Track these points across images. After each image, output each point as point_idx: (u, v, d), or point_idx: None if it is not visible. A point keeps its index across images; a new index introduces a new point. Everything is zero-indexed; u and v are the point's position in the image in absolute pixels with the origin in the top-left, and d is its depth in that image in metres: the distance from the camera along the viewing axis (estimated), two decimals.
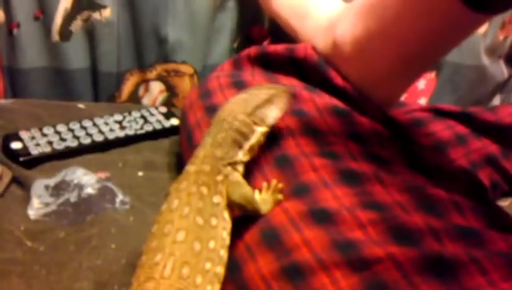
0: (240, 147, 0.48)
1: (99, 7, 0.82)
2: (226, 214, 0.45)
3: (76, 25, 0.83)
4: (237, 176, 0.47)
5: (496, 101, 1.01)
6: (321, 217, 0.43)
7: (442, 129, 0.70)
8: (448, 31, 0.52)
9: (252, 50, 0.67)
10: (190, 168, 0.47)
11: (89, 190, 0.60)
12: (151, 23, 0.83)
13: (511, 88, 1.00)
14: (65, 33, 0.83)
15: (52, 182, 0.61)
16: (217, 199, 0.45)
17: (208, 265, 0.41)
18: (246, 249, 0.44)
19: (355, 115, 0.55)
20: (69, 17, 0.82)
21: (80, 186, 0.60)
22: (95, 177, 0.62)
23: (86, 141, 0.69)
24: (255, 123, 0.48)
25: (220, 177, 0.46)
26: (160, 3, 0.82)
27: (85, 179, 0.61)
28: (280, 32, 0.76)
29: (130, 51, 0.85)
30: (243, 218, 0.46)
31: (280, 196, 0.46)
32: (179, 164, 0.69)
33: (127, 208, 0.60)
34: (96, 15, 0.82)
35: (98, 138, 0.70)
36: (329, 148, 0.50)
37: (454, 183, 0.52)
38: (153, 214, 0.57)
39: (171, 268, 0.40)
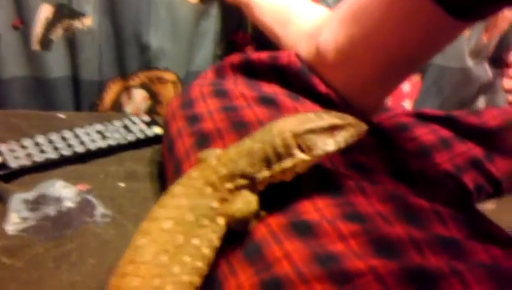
0: (269, 166, 0.44)
1: (80, 15, 0.81)
2: (221, 221, 0.43)
3: (57, 33, 0.81)
4: (247, 194, 0.44)
5: (481, 102, 1.01)
6: (302, 229, 0.42)
7: (426, 133, 0.69)
8: (430, 38, 0.52)
9: (235, 58, 0.66)
10: (212, 161, 0.45)
11: (69, 204, 0.58)
12: (132, 31, 0.82)
13: (495, 89, 1.01)
14: (45, 42, 0.81)
15: (30, 195, 0.60)
16: (215, 204, 0.43)
17: (187, 258, 0.40)
18: (227, 265, 0.43)
19: None
20: (50, 26, 0.81)
21: (59, 200, 0.59)
22: (74, 190, 0.61)
23: (67, 152, 0.68)
24: (300, 148, 0.44)
25: (229, 186, 0.44)
26: (142, 10, 0.81)
27: (64, 192, 0.60)
28: (264, 38, 0.76)
29: (111, 58, 0.84)
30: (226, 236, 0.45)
31: (263, 213, 0.45)
32: (161, 174, 0.68)
33: (107, 221, 0.58)
34: (77, 23, 0.81)
35: (79, 149, 0.69)
36: None
37: (438, 190, 0.52)
38: (134, 226, 0.57)
39: (151, 254, 0.40)
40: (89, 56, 0.83)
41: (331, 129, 0.44)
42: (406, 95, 0.95)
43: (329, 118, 0.45)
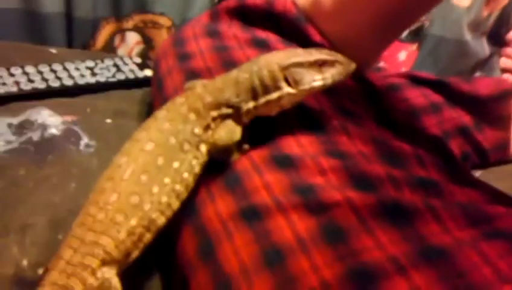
0: (255, 97, 0.44)
1: None
2: (203, 148, 0.44)
3: None
4: (231, 124, 0.44)
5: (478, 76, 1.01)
6: (283, 162, 0.42)
7: (417, 96, 0.70)
8: None
9: (231, 2, 0.65)
10: (198, 88, 0.45)
11: (53, 131, 0.58)
12: None
13: (491, 66, 1.00)
14: None
15: (15, 120, 0.59)
16: (198, 130, 0.43)
17: (166, 180, 0.41)
18: (206, 192, 0.44)
19: None
20: None
21: (44, 127, 0.58)
22: (60, 119, 0.60)
23: (55, 84, 0.68)
24: (286, 81, 0.44)
25: (214, 114, 0.44)
26: None
27: (50, 120, 0.59)
28: None
29: None
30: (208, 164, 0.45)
31: (246, 146, 0.45)
32: (149, 113, 0.67)
33: (91, 151, 0.58)
34: None
35: (68, 82, 0.69)
36: None
37: (422, 140, 0.52)
38: None
39: (130, 172, 0.40)
40: None
41: (319, 65, 0.44)
42: (402, 63, 0.95)
43: (318, 54, 0.45)
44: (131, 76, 0.74)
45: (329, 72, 0.44)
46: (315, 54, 0.44)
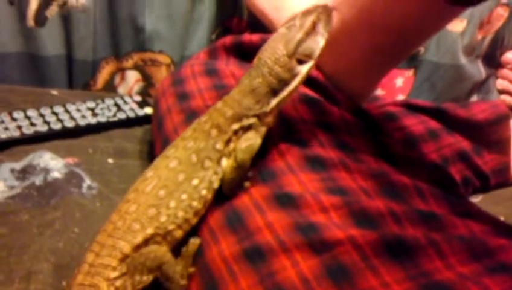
0: (276, 94, 0.45)
1: None
2: (225, 162, 0.45)
3: (52, 10, 0.81)
4: (251, 135, 0.45)
5: (474, 101, 1.01)
6: (285, 200, 0.43)
7: (415, 124, 0.70)
8: (422, 22, 0.53)
9: (228, 39, 0.66)
10: (218, 104, 0.46)
11: (55, 174, 0.59)
12: (128, 12, 0.83)
13: (488, 88, 1.01)
14: (40, 19, 0.81)
15: (18, 165, 0.60)
16: (219, 145, 0.45)
17: (183, 196, 0.43)
18: (209, 232, 0.44)
19: (325, 104, 0.55)
20: (45, 3, 0.81)
21: (47, 170, 0.59)
22: (62, 162, 0.61)
23: (56, 126, 0.68)
24: (300, 61, 0.45)
25: (235, 126, 0.45)
26: None
27: (52, 163, 0.60)
28: (258, 24, 0.76)
29: (106, 38, 0.84)
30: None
31: (247, 184, 0.46)
32: (150, 152, 0.68)
33: (93, 193, 0.59)
34: (72, 1, 0.81)
35: (69, 124, 0.69)
36: (297, 136, 0.50)
37: (422, 171, 0.52)
38: (120, 200, 0.57)
39: (152, 186, 0.43)
40: (84, 35, 0.83)
41: (313, 27, 0.45)
42: (399, 90, 0.96)
43: (303, 20, 0.45)
44: (131, 115, 0.75)
45: (322, 28, 0.46)
46: (301, 22, 0.45)
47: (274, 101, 0.45)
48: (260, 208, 0.43)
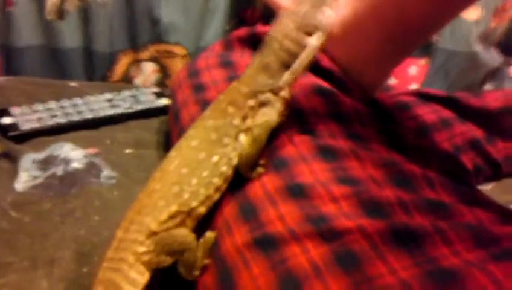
0: (288, 68, 0.46)
1: None
2: (243, 137, 0.46)
3: (71, 4, 0.83)
4: (267, 110, 0.46)
5: (488, 88, 1.01)
6: (296, 192, 0.44)
7: (427, 113, 0.70)
8: (434, 12, 0.53)
9: (242, 31, 0.67)
10: (234, 83, 0.48)
11: (76, 164, 0.61)
12: (144, 4, 0.84)
13: (502, 76, 1.01)
14: (60, 12, 0.83)
15: (40, 156, 0.62)
16: (236, 121, 0.46)
17: (205, 173, 0.45)
18: (224, 224, 0.45)
19: (338, 95, 0.56)
20: None
21: (67, 161, 0.61)
22: (82, 153, 0.63)
23: (76, 118, 0.71)
24: (309, 34, 0.45)
25: (251, 102, 0.46)
26: None
27: (72, 154, 0.62)
28: (273, 15, 0.77)
29: (123, 31, 0.86)
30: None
31: (261, 169, 0.47)
32: (167, 143, 0.70)
33: (112, 182, 0.61)
34: None
35: (88, 115, 0.71)
36: (310, 127, 0.51)
37: (433, 160, 0.53)
38: (138, 189, 0.59)
39: (175, 165, 0.45)
40: (101, 28, 0.85)
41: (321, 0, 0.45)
42: (413, 78, 0.96)
43: None
44: (148, 106, 0.76)
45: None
46: None
47: (287, 75, 0.46)
48: (273, 200, 0.44)
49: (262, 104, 0.47)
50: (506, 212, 0.45)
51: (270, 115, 0.46)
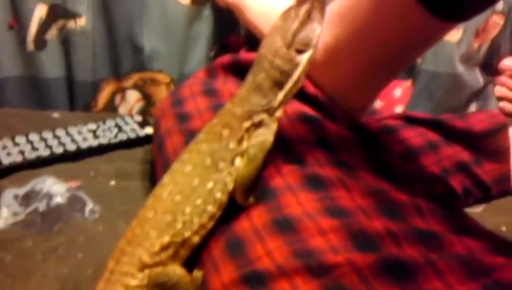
0: (281, 87, 0.45)
1: (74, 16, 0.82)
2: (239, 161, 0.45)
3: (51, 33, 0.83)
4: (262, 131, 0.46)
5: (472, 108, 1.02)
6: (284, 226, 0.43)
7: (414, 136, 0.70)
8: (414, 39, 0.53)
9: (225, 58, 0.67)
10: (227, 105, 0.47)
11: (58, 199, 0.59)
12: (126, 32, 0.84)
13: (486, 96, 1.01)
14: (40, 42, 0.83)
15: (21, 191, 0.61)
16: (232, 145, 0.45)
17: (198, 201, 0.43)
18: (211, 261, 0.44)
19: (324, 122, 0.55)
20: (44, 26, 0.82)
21: (49, 196, 0.60)
22: (65, 187, 0.62)
23: (58, 150, 0.69)
24: (299, 51, 0.45)
25: (246, 124, 0.45)
26: (135, 11, 0.82)
27: (55, 188, 0.61)
28: (256, 40, 0.77)
29: (105, 59, 0.85)
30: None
31: (251, 199, 0.46)
32: (152, 173, 0.69)
33: (96, 217, 0.59)
34: (71, 24, 0.82)
35: (71, 147, 0.70)
36: (296, 156, 0.51)
37: (420, 187, 0.52)
38: (123, 223, 0.58)
39: (168, 192, 0.44)
40: (83, 57, 0.84)
41: (307, 16, 0.45)
42: (398, 101, 0.96)
43: (297, 10, 0.45)
44: (132, 135, 0.75)
45: (316, 14, 0.46)
46: (297, 11, 0.45)
47: (281, 94, 0.46)
48: (260, 235, 0.43)
49: (258, 125, 0.46)
50: (495, 240, 0.45)
51: (266, 136, 0.46)
